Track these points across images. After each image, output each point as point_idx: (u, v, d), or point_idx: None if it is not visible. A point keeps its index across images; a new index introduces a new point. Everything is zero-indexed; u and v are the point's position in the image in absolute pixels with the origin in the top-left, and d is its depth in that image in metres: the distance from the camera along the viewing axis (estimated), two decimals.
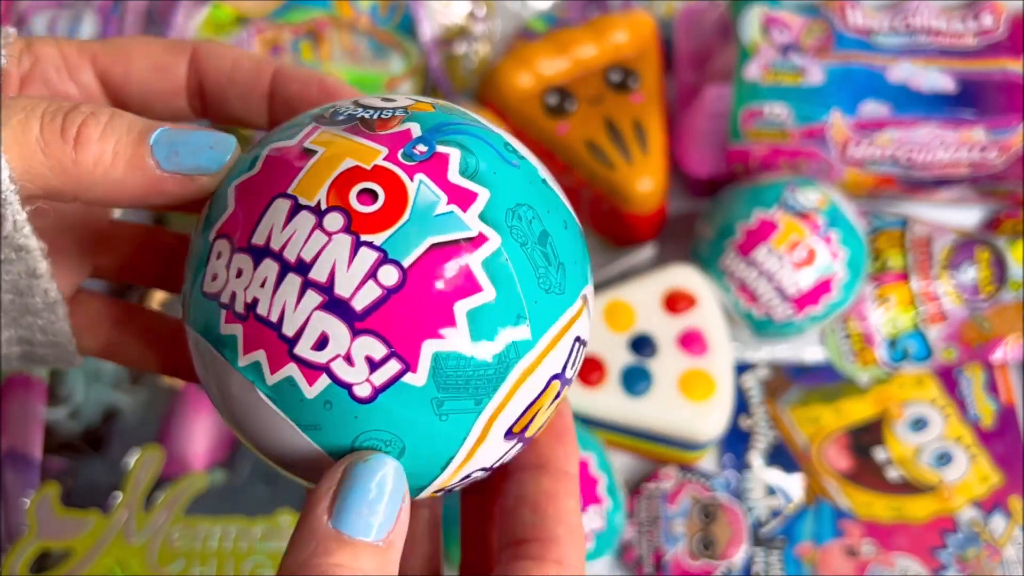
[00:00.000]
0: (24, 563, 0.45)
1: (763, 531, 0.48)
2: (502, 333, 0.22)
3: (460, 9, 0.61)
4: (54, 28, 0.61)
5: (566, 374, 0.24)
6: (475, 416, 0.22)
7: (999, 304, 0.52)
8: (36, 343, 0.28)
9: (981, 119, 0.50)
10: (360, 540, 0.21)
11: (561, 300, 0.23)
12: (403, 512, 0.22)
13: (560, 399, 0.25)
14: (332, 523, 0.21)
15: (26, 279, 0.26)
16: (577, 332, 0.24)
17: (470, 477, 0.24)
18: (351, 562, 0.21)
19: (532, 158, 0.25)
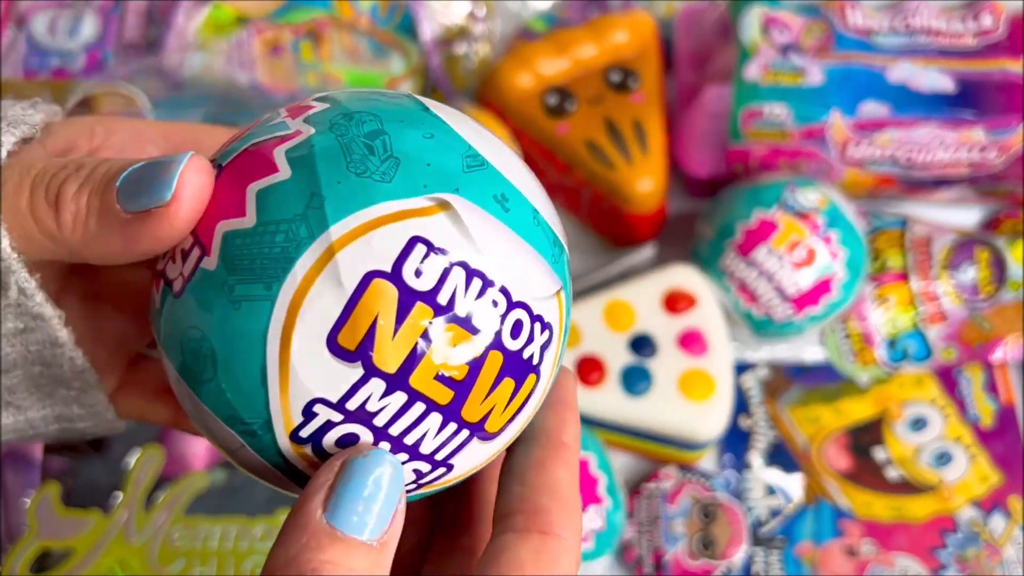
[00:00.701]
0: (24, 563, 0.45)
1: (763, 531, 0.48)
2: (292, 210, 0.21)
3: (460, 9, 0.61)
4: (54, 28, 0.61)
5: (403, 276, 0.21)
6: (269, 305, 0.21)
7: (999, 304, 0.52)
8: (74, 417, 0.28)
9: (981, 119, 0.50)
10: (353, 538, 0.21)
11: (386, 188, 0.21)
12: (399, 513, 0.22)
13: (416, 317, 0.21)
14: (326, 518, 0.21)
15: (49, 348, 0.26)
16: (419, 232, 0.21)
17: (333, 428, 0.21)
18: (343, 560, 0.21)
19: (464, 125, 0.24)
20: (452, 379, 0.22)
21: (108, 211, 0.23)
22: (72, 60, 0.60)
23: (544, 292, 0.23)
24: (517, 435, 0.24)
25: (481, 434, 0.23)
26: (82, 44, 0.61)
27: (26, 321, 0.25)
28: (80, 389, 0.27)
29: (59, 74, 0.60)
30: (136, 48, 0.61)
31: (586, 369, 0.47)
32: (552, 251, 0.24)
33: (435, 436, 0.22)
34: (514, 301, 0.22)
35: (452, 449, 0.23)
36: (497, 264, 0.22)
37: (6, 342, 0.25)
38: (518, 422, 0.24)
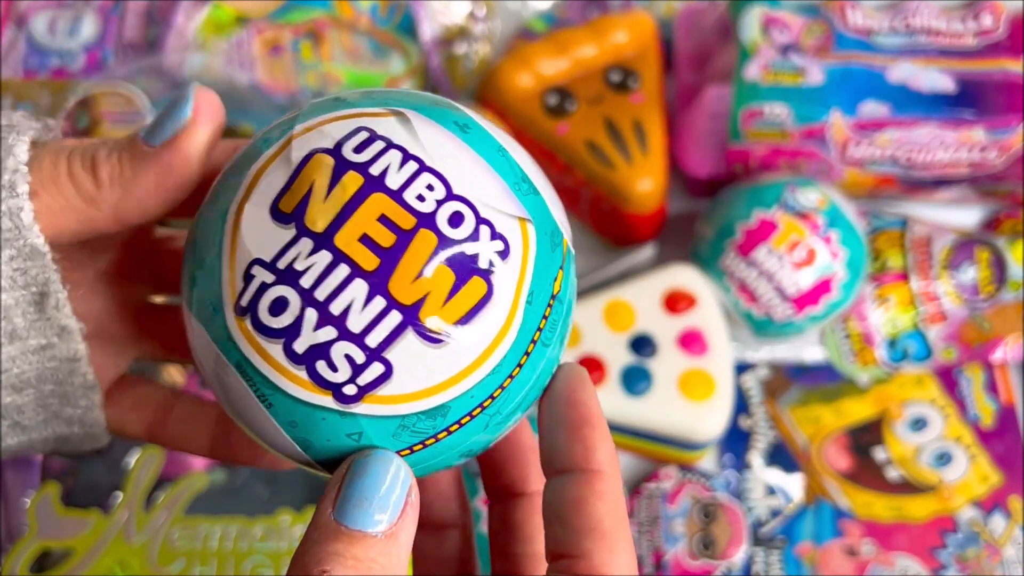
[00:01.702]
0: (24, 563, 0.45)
1: (763, 531, 0.48)
2: (278, 129, 0.25)
3: (460, 9, 0.61)
4: (54, 28, 0.61)
5: (342, 150, 0.23)
6: (233, 191, 0.23)
7: (999, 304, 0.52)
8: (72, 438, 0.29)
9: (981, 119, 0.50)
10: (359, 531, 0.22)
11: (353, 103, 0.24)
12: (409, 507, 0.23)
13: (347, 182, 0.22)
14: (334, 516, 0.22)
15: (67, 364, 0.27)
16: (367, 125, 0.23)
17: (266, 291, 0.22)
18: (347, 550, 0.22)
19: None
20: (378, 245, 0.22)
21: (138, 153, 0.25)
22: (72, 60, 0.60)
23: (497, 203, 0.23)
24: (479, 361, 0.23)
25: (417, 325, 0.22)
26: (82, 44, 0.61)
27: (50, 337, 0.26)
28: (85, 408, 0.28)
29: (59, 74, 0.60)
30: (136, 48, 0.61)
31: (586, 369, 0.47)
32: (517, 183, 0.24)
33: (362, 310, 0.22)
34: (455, 194, 0.23)
35: (385, 336, 0.22)
36: (441, 160, 0.23)
37: (24, 360, 0.26)
38: (470, 335, 0.23)
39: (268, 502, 0.47)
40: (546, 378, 0.25)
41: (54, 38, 0.61)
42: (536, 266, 0.23)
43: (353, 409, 0.22)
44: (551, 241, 0.24)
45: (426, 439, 0.23)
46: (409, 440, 0.23)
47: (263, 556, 0.45)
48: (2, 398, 0.26)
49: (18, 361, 0.26)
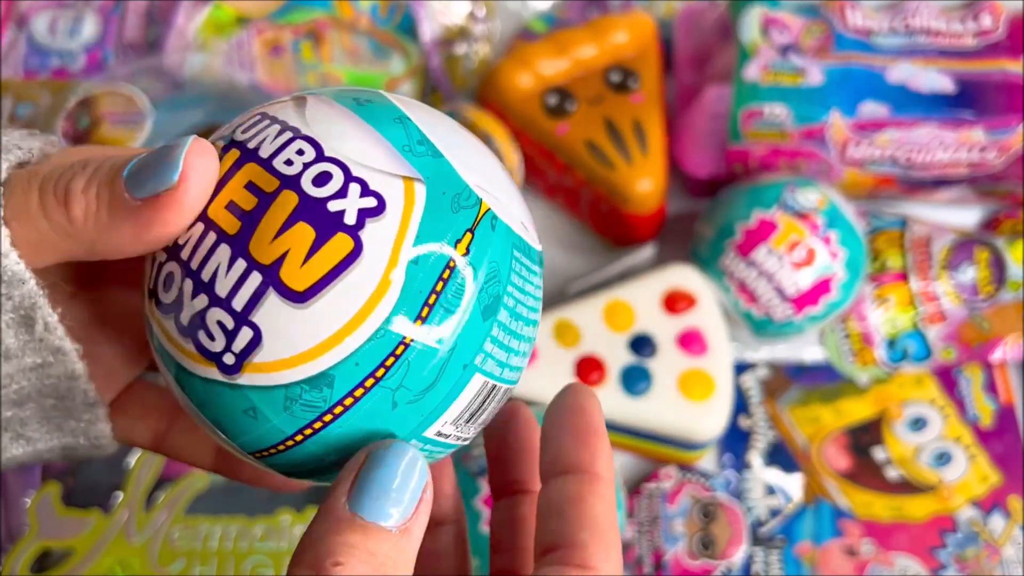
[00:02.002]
0: (25, 563, 0.45)
1: (762, 531, 0.48)
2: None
3: (460, 9, 0.61)
4: (54, 28, 0.61)
5: (234, 134, 0.24)
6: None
7: (998, 304, 0.52)
8: (79, 448, 0.29)
9: (980, 119, 0.51)
10: (374, 524, 0.22)
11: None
12: (423, 503, 0.22)
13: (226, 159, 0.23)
14: (350, 506, 0.22)
15: (65, 382, 0.26)
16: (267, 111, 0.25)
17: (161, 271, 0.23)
18: (362, 543, 0.21)
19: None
20: (241, 209, 0.22)
21: (117, 200, 0.23)
22: (72, 60, 0.60)
23: (375, 163, 0.23)
24: (353, 324, 0.22)
25: (279, 285, 0.22)
26: (82, 44, 0.61)
27: (45, 356, 0.25)
28: (88, 421, 0.28)
29: (59, 74, 0.60)
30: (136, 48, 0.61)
31: (586, 369, 0.47)
32: (410, 146, 0.23)
33: (226, 273, 0.22)
34: (326, 155, 0.23)
35: (248, 298, 0.22)
36: (319, 127, 0.23)
37: (23, 376, 0.26)
38: (338, 295, 0.22)
39: (268, 502, 0.47)
40: (474, 354, 0.23)
41: (55, 38, 0.61)
42: (424, 226, 0.22)
43: (238, 380, 0.22)
44: (454, 203, 0.23)
45: (322, 414, 0.22)
46: (304, 415, 0.22)
47: (263, 556, 0.45)
48: (4, 411, 0.26)
49: (16, 377, 0.26)
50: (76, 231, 0.23)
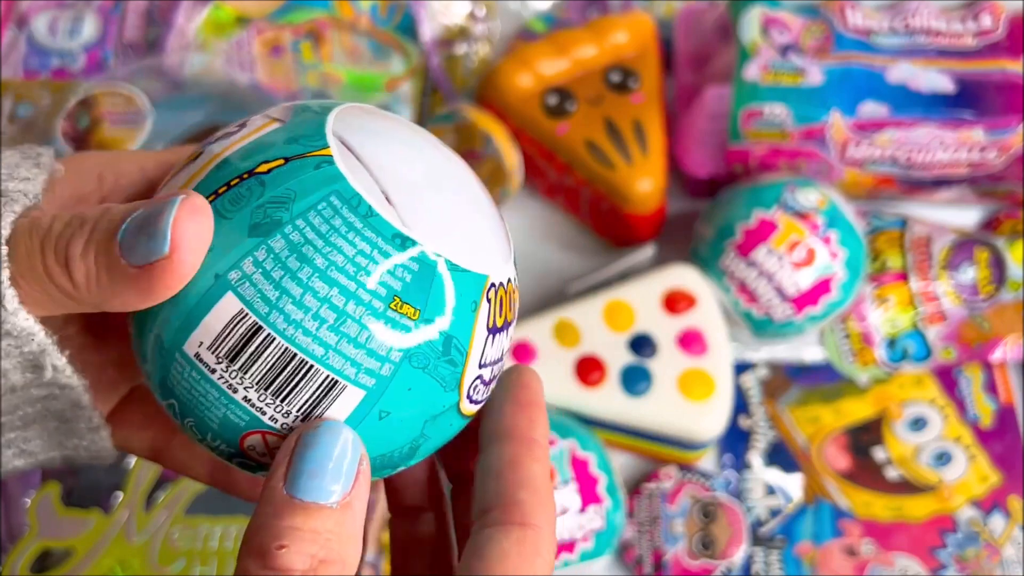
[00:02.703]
0: (25, 563, 0.45)
1: (762, 531, 0.48)
2: None
3: (460, 9, 0.61)
4: (55, 28, 0.61)
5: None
6: None
7: (998, 304, 0.52)
8: (79, 458, 0.29)
9: (980, 120, 0.51)
10: (313, 503, 0.22)
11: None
12: (361, 475, 0.23)
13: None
14: (286, 489, 0.22)
15: (72, 410, 0.26)
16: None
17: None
18: (304, 523, 0.22)
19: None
20: None
21: (115, 266, 0.22)
22: (72, 60, 0.60)
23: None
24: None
25: None
26: (82, 44, 0.61)
27: (52, 390, 0.26)
28: (91, 440, 0.28)
29: (59, 74, 0.60)
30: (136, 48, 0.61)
31: (586, 369, 0.47)
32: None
33: None
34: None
35: None
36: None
37: (28, 404, 0.26)
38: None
39: None
40: (228, 266, 0.23)
41: (55, 38, 0.61)
42: (255, 143, 0.24)
43: None
44: (293, 141, 0.24)
45: None
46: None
47: None
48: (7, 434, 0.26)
49: (21, 406, 0.26)
50: (80, 294, 0.23)
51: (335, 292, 0.22)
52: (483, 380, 0.25)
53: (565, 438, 0.47)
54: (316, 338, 0.22)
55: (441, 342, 0.23)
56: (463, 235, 0.24)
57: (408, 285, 0.23)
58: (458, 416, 0.25)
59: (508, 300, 0.26)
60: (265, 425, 0.23)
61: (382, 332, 0.23)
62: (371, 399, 0.23)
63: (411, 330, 0.23)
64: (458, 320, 0.24)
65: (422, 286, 0.23)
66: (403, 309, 0.23)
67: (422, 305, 0.23)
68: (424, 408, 0.24)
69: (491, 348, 0.25)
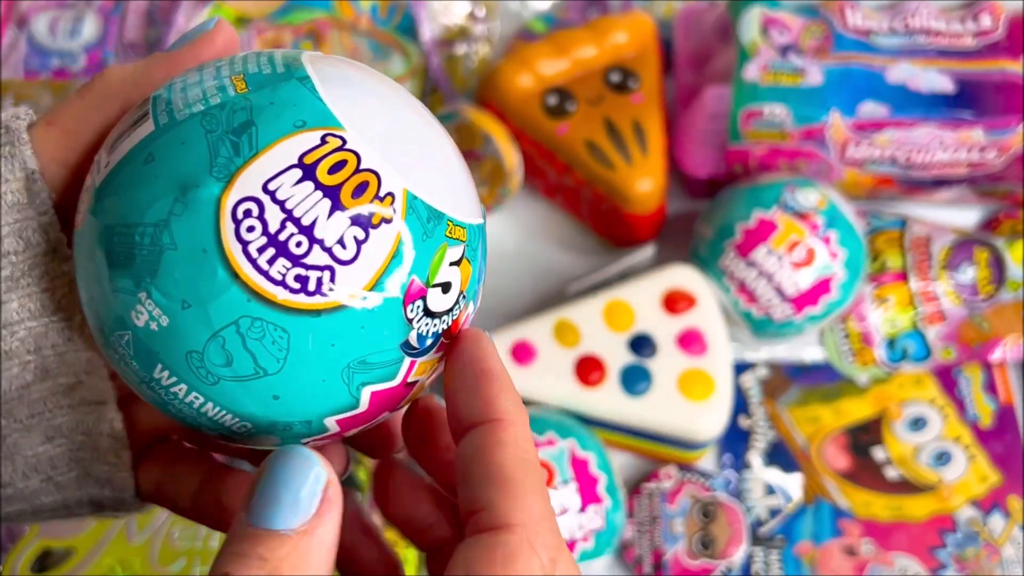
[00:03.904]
0: (25, 562, 0.45)
1: (762, 530, 0.48)
2: None
3: (460, 10, 0.61)
4: (55, 28, 0.61)
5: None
6: None
7: (998, 304, 0.52)
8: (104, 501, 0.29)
9: (980, 120, 0.51)
10: (265, 530, 0.21)
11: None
12: (327, 502, 0.22)
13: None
14: (248, 518, 0.22)
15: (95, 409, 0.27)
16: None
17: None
18: (253, 549, 0.21)
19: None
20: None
21: (152, 56, 0.26)
22: (73, 61, 0.60)
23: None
24: None
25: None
26: (83, 45, 0.61)
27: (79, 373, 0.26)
28: (113, 464, 0.28)
29: (60, 74, 0.60)
30: (137, 49, 0.61)
31: (586, 369, 0.47)
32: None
33: None
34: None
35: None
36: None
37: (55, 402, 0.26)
38: None
39: None
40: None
41: (55, 39, 0.61)
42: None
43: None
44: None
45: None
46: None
47: None
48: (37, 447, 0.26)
49: (49, 403, 0.26)
50: (114, 88, 0.26)
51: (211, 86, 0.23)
52: (266, 221, 0.22)
53: (565, 438, 0.47)
54: (169, 87, 0.24)
55: (240, 122, 0.22)
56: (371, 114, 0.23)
57: (260, 75, 0.23)
58: (216, 244, 0.22)
59: (361, 186, 0.22)
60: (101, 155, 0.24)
61: (207, 86, 0.23)
62: (153, 137, 0.23)
63: (227, 97, 0.23)
64: (270, 119, 0.22)
65: (270, 80, 0.23)
66: (236, 82, 0.23)
67: (253, 88, 0.23)
68: (183, 172, 0.22)
69: (296, 188, 0.22)
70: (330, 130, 0.22)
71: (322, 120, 0.22)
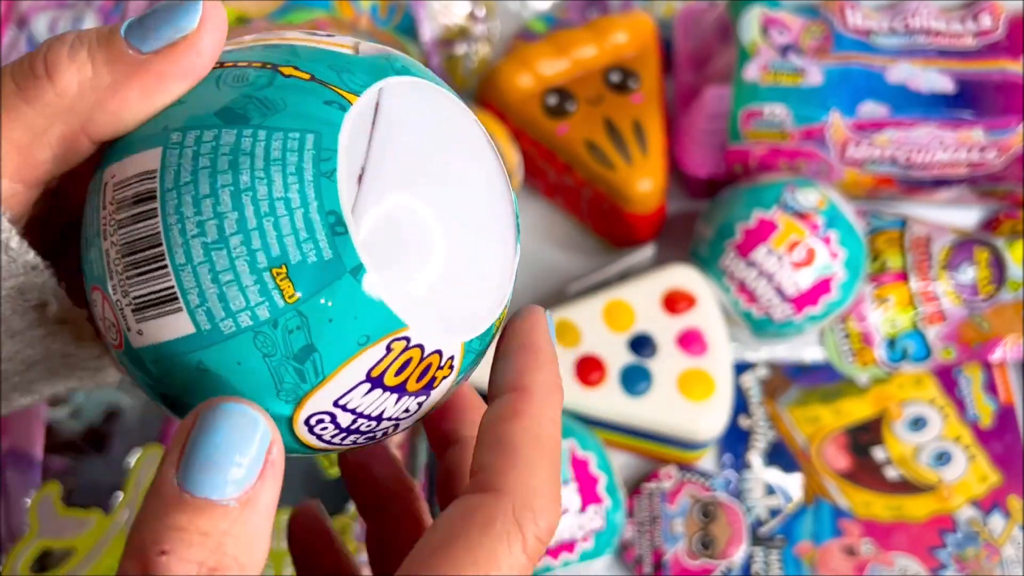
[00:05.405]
0: (25, 563, 0.45)
1: (762, 530, 0.48)
2: None
3: (460, 9, 0.61)
4: (55, 28, 0.61)
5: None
6: None
7: (998, 304, 0.52)
8: (84, 388, 0.28)
9: (980, 120, 0.51)
10: (205, 500, 0.19)
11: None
12: (269, 466, 0.19)
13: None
14: (177, 479, 0.19)
15: (72, 345, 0.26)
16: None
17: None
18: (192, 523, 0.19)
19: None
20: None
21: (119, 57, 0.21)
22: None
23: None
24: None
25: None
26: None
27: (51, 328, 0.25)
28: (95, 369, 0.27)
29: None
30: None
31: (586, 369, 0.47)
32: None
33: None
34: None
35: None
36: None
37: (28, 347, 0.25)
38: None
39: None
40: None
41: None
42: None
43: None
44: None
45: None
46: None
47: None
48: (11, 378, 0.26)
49: (22, 350, 0.25)
50: (68, 104, 0.21)
51: (233, 216, 0.20)
52: (338, 423, 0.22)
53: (565, 438, 0.47)
54: (186, 243, 0.20)
55: (300, 347, 0.20)
56: (419, 270, 0.21)
57: (305, 266, 0.20)
58: (290, 436, 0.22)
59: (424, 371, 0.22)
60: (107, 289, 0.21)
61: (246, 287, 0.20)
62: (196, 342, 0.20)
63: (277, 309, 0.20)
64: (332, 341, 0.20)
65: (319, 278, 0.20)
66: (282, 283, 0.20)
67: (305, 295, 0.20)
68: (246, 395, 0.21)
69: (366, 398, 0.21)
70: (394, 335, 0.21)
71: (385, 327, 0.21)
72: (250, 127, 0.20)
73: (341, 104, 0.21)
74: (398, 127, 0.21)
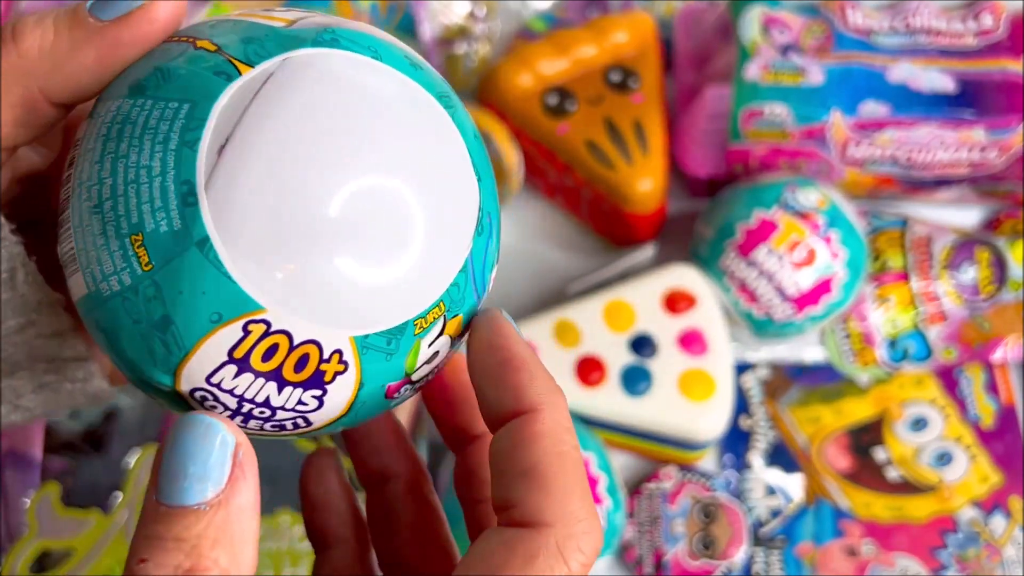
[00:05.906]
0: (25, 563, 0.45)
1: (763, 531, 0.48)
2: None
3: (460, 9, 0.61)
4: None
5: None
6: None
7: (999, 304, 0.52)
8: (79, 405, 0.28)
9: (981, 119, 0.50)
10: (177, 507, 0.20)
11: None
12: (239, 468, 0.20)
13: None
14: (156, 495, 0.20)
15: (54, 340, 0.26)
16: None
17: None
18: (167, 531, 0.20)
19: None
20: None
21: (79, 24, 0.22)
22: None
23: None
24: None
25: None
26: None
27: (28, 315, 0.25)
28: (83, 379, 0.27)
29: None
30: None
31: (586, 369, 0.47)
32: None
33: None
34: None
35: None
36: None
37: (8, 342, 0.25)
38: None
39: (268, 502, 0.47)
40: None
41: None
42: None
43: None
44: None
45: None
46: None
47: (263, 556, 0.45)
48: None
49: (3, 344, 0.25)
50: (28, 66, 0.22)
51: (108, 182, 0.20)
52: (225, 404, 0.21)
53: None
54: (80, 207, 0.21)
55: (159, 316, 0.20)
56: (279, 252, 0.20)
57: (158, 235, 0.20)
58: (175, 401, 0.22)
59: (301, 361, 0.21)
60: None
61: (113, 252, 0.20)
62: (90, 303, 0.21)
63: (136, 276, 0.20)
64: (185, 314, 0.20)
65: (169, 248, 0.20)
66: (139, 250, 0.20)
67: (157, 264, 0.20)
68: (133, 360, 0.21)
69: (237, 380, 0.21)
70: (250, 316, 0.20)
71: (237, 307, 0.20)
72: (144, 97, 0.21)
73: (230, 74, 0.20)
74: (285, 99, 0.20)
